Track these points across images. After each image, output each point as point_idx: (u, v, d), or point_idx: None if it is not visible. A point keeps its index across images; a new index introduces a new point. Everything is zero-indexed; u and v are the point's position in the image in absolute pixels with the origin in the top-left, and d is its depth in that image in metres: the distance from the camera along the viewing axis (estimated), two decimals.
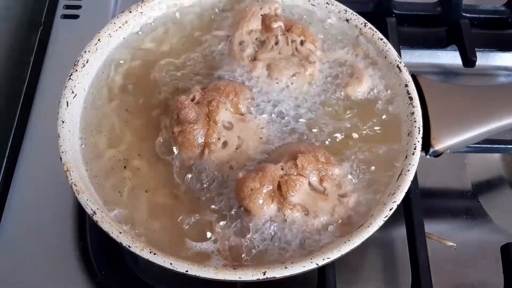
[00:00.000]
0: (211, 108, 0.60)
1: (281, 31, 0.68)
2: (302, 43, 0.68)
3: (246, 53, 0.67)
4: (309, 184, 0.58)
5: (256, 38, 0.68)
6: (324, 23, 0.72)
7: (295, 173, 0.57)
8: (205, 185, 0.60)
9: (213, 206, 0.59)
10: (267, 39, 0.68)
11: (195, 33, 0.71)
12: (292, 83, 0.66)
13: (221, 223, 0.57)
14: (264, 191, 0.56)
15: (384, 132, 0.64)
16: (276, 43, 0.68)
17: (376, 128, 0.64)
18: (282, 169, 0.57)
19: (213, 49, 0.69)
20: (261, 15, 0.69)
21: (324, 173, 0.58)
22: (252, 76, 0.66)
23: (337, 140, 0.63)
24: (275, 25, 0.68)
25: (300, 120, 0.64)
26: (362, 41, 0.70)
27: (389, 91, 0.67)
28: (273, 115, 0.64)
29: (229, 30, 0.70)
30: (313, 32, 0.70)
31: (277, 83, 0.66)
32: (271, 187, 0.56)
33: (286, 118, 0.64)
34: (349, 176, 0.60)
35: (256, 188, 0.56)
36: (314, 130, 0.64)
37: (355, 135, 0.64)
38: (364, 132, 0.64)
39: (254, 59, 0.67)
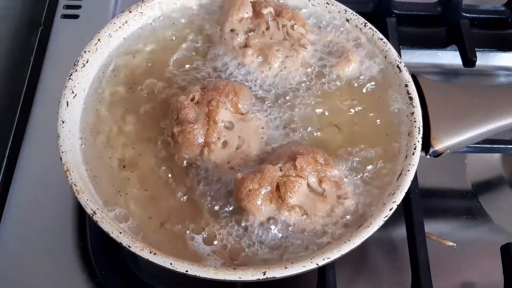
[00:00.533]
0: (210, 108, 0.60)
1: (272, 16, 0.68)
2: (292, 27, 0.68)
3: (238, 41, 0.67)
4: (308, 185, 0.58)
5: (247, 26, 0.68)
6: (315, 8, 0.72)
7: (294, 175, 0.57)
8: (205, 185, 0.60)
9: (212, 206, 0.58)
10: (258, 25, 0.68)
11: (194, 29, 0.71)
12: (285, 67, 0.66)
13: (220, 223, 0.57)
14: (263, 192, 0.56)
15: (383, 132, 0.64)
16: (267, 29, 0.68)
17: (374, 123, 0.65)
18: (280, 170, 0.57)
19: (209, 43, 0.69)
20: (251, 1, 0.69)
21: (323, 175, 0.58)
22: (245, 64, 0.66)
23: (335, 135, 0.64)
24: (265, 11, 0.68)
25: (295, 109, 0.65)
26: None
27: (380, 74, 0.68)
28: (269, 110, 0.64)
29: (220, 19, 0.70)
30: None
31: (269, 69, 0.66)
32: (270, 188, 0.56)
33: (282, 109, 0.65)
34: (348, 177, 0.60)
35: (254, 189, 0.56)
36: (310, 128, 0.64)
37: (352, 128, 0.64)
38: (363, 126, 0.64)
39: (245, 46, 0.67)
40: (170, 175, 0.61)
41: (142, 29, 0.70)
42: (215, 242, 0.56)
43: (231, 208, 0.58)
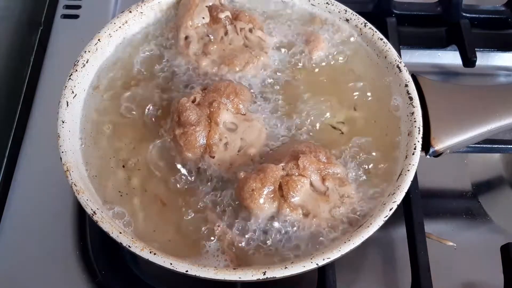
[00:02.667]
0: (212, 109, 0.60)
1: (229, 20, 0.68)
2: (251, 30, 0.68)
3: (193, 48, 0.66)
4: (311, 184, 0.58)
5: (204, 32, 0.67)
6: (269, 6, 0.72)
7: (297, 174, 0.57)
8: (207, 186, 0.60)
9: (214, 206, 0.58)
10: (215, 30, 0.67)
11: None
12: (249, 75, 0.66)
13: (222, 222, 0.57)
14: (266, 191, 0.56)
15: (383, 132, 0.64)
16: (226, 34, 0.67)
17: (374, 123, 0.65)
18: (283, 169, 0.57)
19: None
20: (207, 6, 0.68)
21: (325, 172, 0.58)
22: (200, 72, 0.65)
23: (334, 134, 0.64)
24: (222, 15, 0.67)
25: (292, 110, 0.65)
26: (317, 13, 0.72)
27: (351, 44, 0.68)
28: (266, 110, 0.64)
29: (175, 25, 0.69)
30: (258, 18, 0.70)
31: (231, 74, 0.65)
32: (273, 187, 0.56)
33: (278, 109, 0.65)
34: (350, 176, 0.60)
35: (257, 188, 0.56)
36: (309, 127, 0.64)
37: (351, 128, 0.64)
38: (362, 126, 0.64)
39: (203, 53, 0.66)
40: (171, 176, 0.60)
41: (143, 29, 0.70)
42: (217, 242, 0.56)
43: (233, 208, 0.58)
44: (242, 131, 0.61)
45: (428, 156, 0.66)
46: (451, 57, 0.88)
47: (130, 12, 0.69)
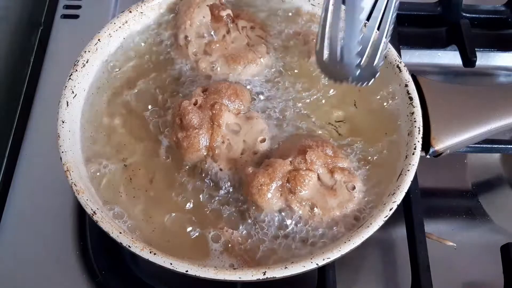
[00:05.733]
0: (214, 111, 0.60)
1: (230, 19, 0.67)
2: (252, 28, 0.67)
3: (192, 48, 0.66)
4: (318, 178, 0.58)
5: (204, 31, 0.67)
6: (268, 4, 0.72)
7: (304, 168, 0.57)
8: (210, 187, 0.60)
9: (218, 207, 0.59)
10: (218, 29, 0.67)
11: None
12: (250, 74, 0.66)
13: (227, 219, 0.57)
14: (274, 186, 0.56)
15: (383, 132, 0.64)
16: (228, 32, 0.67)
17: (374, 123, 0.65)
18: (291, 164, 0.57)
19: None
20: (207, 5, 0.68)
21: (333, 166, 0.58)
22: (199, 72, 0.65)
23: (333, 133, 0.64)
24: (224, 13, 0.67)
25: (292, 109, 0.65)
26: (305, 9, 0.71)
27: None
28: (265, 108, 0.65)
29: (176, 24, 0.69)
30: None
31: (233, 73, 0.65)
32: (281, 182, 0.56)
33: (279, 108, 0.65)
34: (355, 172, 0.60)
35: (266, 183, 0.56)
36: (309, 125, 0.64)
37: (350, 128, 0.65)
38: (361, 126, 0.65)
39: (204, 52, 0.66)
40: (173, 177, 0.60)
41: (142, 29, 0.70)
42: (221, 239, 0.56)
43: (240, 203, 0.58)
44: (245, 132, 0.61)
45: (428, 156, 0.66)
46: (451, 57, 0.88)
47: (130, 12, 0.69)
